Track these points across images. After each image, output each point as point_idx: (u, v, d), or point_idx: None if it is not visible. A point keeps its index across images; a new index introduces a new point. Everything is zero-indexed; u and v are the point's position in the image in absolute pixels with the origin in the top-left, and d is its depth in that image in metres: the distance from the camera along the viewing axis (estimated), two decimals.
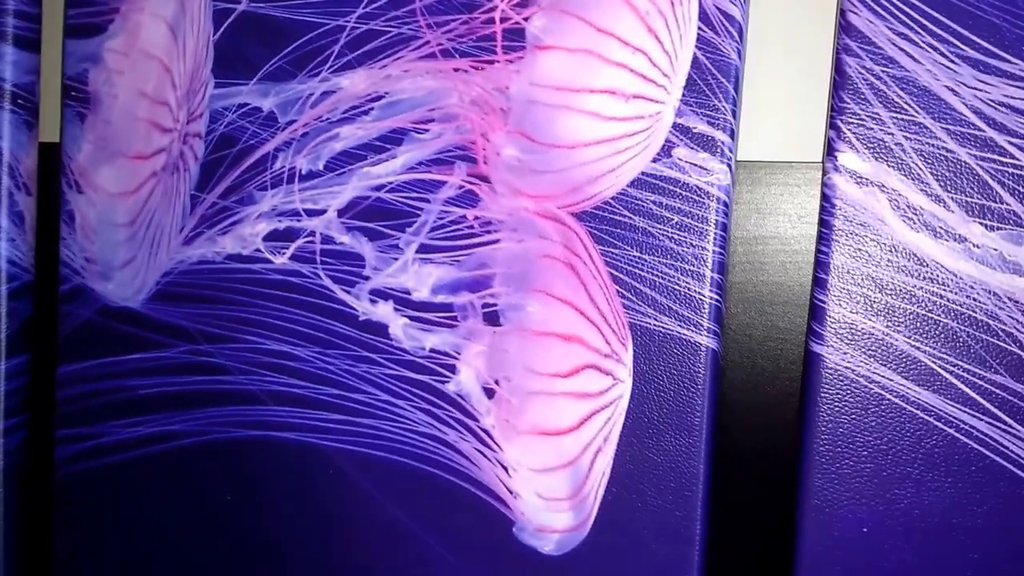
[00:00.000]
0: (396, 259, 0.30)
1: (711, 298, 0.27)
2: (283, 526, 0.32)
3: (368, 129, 0.30)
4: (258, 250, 0.32)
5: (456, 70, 0.29)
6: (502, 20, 0.28)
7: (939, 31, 0.24)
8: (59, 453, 0.35)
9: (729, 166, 0.26)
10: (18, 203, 0.37)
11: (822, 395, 0.25)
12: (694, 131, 0.26)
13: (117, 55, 0.34)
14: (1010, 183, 0.24)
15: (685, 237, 0.27)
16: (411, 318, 0.30)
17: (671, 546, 0.27)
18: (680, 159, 0.27)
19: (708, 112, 0.26)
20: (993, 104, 0.24)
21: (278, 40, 0.31)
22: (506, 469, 0.29)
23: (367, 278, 0.30)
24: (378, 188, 0.30)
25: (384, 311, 0.30)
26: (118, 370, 0.34)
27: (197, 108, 0.32)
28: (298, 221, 0.31)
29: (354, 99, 0.30)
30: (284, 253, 0.31)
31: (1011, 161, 0.24)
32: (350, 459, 0.31)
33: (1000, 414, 0.24)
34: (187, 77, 0.33)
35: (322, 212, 0.31)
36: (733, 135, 0.26)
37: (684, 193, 0.27)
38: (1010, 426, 0.24)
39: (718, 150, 0.26)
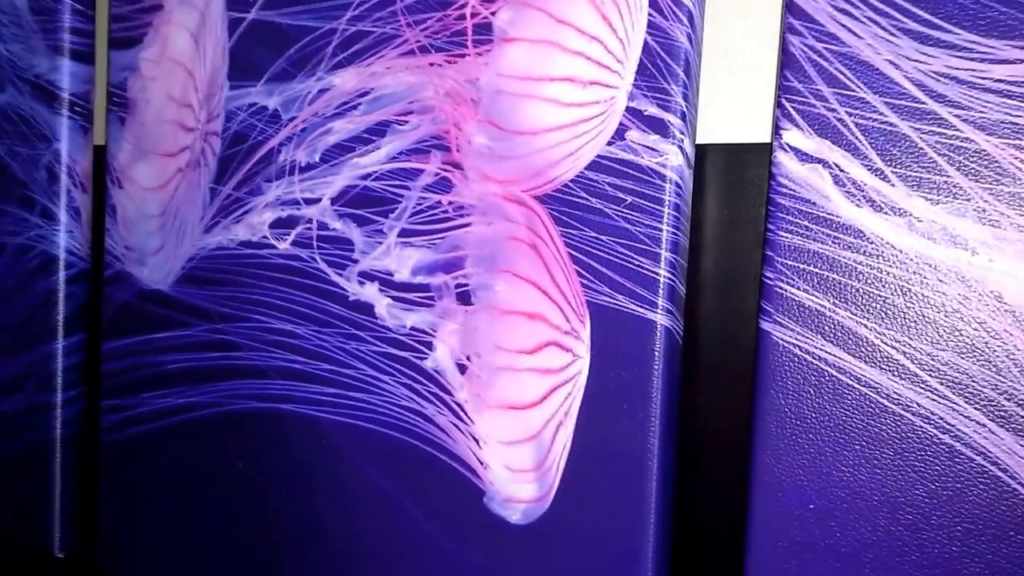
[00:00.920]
0: (381, 243, 0.32)
1: (666, 277, 0.27)
2: (283, 489, 0.34)
3: (357, 123, 0.32)
4: (265, 237, 0.35)
5: (432, 64, 0.31)
6: (472, 15, 0.30)
7: (879, 4, 0.24)
8: (103, 422, 0.39)
9: (681, 147, 0.27)
10: (75, 199, 0.42)
11: (770, 373, 0.26)
12: (645, 114, 0.27)
13: (150, 63, 0.37)
14: (952, 155, 0.23)
15: (640, 218, 0.28)
16: (394, 298, 0.32)
17: (627, 519, 0.28)
18: (633, 141, 0.27)
19: (659, 95, 0.27)
20: (935, 76, 0.23)
21: (281, 44, 0.34)
22: (477, 441, 0.30)
23: (356, 261, 0.33)
24: (365, 177, 0.32)
25: (371, 292, 0.32)
26: (150, 347, 0.38)
27: (215, 109, 0.36)
28: (298, 209, 0.34)
29: (345, 95, 0.33)
30: (286, 239, 0.34)
31: (954, 133, 0.23)
32: (341, 430, 0.33)
33: (944, 390, 0.24)
34: (207, 81, 0.36)
35: (318, 200, 0.33)
36: (684, 117, 0.27)
37: (638, 175, 0.27)
38: (954, 402, 0.23)
39: (669, 132, 0.27)
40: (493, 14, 0.30)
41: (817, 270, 0.25)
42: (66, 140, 0.41)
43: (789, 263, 0.25)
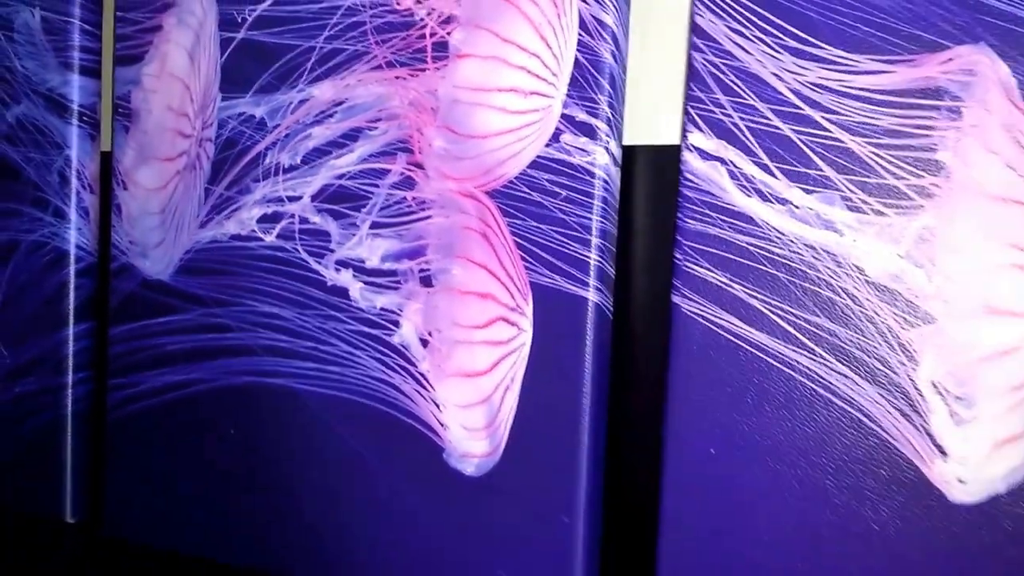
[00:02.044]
0: (354, 234, 0.37)
1: (596, 260, 0.32)
2: (271, 454, 0.39)
3: (333, 129, 0.37)
4: (253, 231, 0.39)
5: (397, 78, 0.35)
6: (431, 35, 0.35)
7: (765, 25, 0.29)
8: (110, 399, 0.44)
9: (607, 148, 0.32)
10: (84, 200, 0.46)
11: (680, 339, 0.30)
12: (576, 120, 0.32)
13: (151, 77, 0.42)
14: (824, 153, 0.28)
15: (573, 209, 0.32)
16: (365, 283, 0.36)
17: (565, 469, 0.32)
18: (567, 144, 0.32)
19: (587, 104, 0.32)
20: (810, 86, 0.28)
21: (267, 60, 0.39)
22: (438, 406, 0.35)
23: (333, 251, 0.37)
24: (340, 177, 0.37)
25: (345, 277, 0.37)
26: (152, 331, 0.42)
27: (209, 118, 0.40)
28: (282, 206, 0.38)
29: (323, 105, 0.37)
30: (272, 232, 0.39)
31: (824, 133, 0.28)
32: (320, 400, 0.37)
33: (819, 350, 0.28)
34: (201, 93, 0.40)
35: (299, 198, 0.38)
36: (610, 123, 0.32)
37: (571, 172, 0.32)
38: (826, 359, 0.28)
39: (596, 135, 0.32)
40: (448, 34, 0.34)
41: (717, 251, 0.30)
42: (76, 147, 0.46)
43: (695, 246, 0.30)
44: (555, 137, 0.32)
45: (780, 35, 0.28)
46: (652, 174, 0.33)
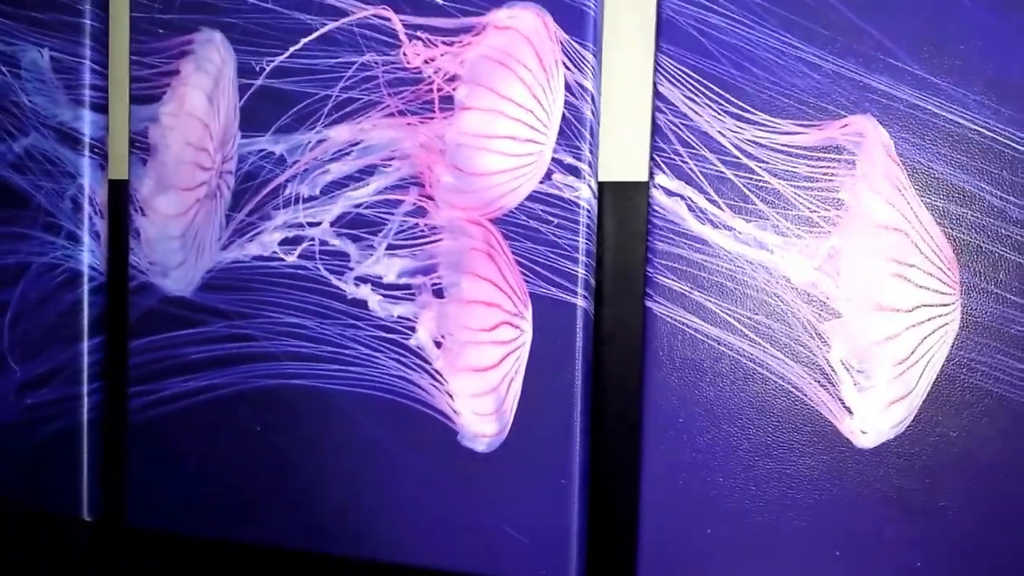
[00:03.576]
0: (372, 255, 0.44)
1: (582, 274, 0.41)
2: (297, 446, 0.45)
3: (350, 165, 0.44)
4: (275, 252, 0.46)
5: (409, 124, 0.43)
6: (438, 90, 0.42)
7: (712, 96, 0.38)
8: (132, 405, 0.49)
9: (589, 185, 0.40)
10: (96, 224, 0.51)
11: (652, 336, 0.39)
12: (564, 162, 0.41)
13: (169, 116, 0.48)
14: (758, 192, 0.38)
15: (563, 233, 0.41)
16: (383, 295, 0.44)
17: (560, 443, 0.41)
18: (557, 181, 0.41)
19: (573, 150, 0.40)
20: (747, 142, 0.38)
21: (285, 105, 0.45)
22: (451, 396, 0.43)
23: (352, 268, 0.44)
24: (358, 206, 0.44)
25: (364, 291, 0.44)
26: (175, 342, 0.48)
27: (229, 153, 0.46)
28: (303, 230, 0.45)
29: (339, 145, 0.44)
30: (293, 253, 0.45)
31: (758, 178, 0.38)
32: (343, 396, 0.45)
33: (760, 340, 0.38)
34: (220, 131, 0.47)
35: (319, 224, 0.45)
36: (590, 164, 0.40)
37: (561, 204, 0.41)
38: (765, 348, 0.38)
39: (581, 175, 0.40)
40: (454, 89, 0.42)
41: (679, 266, 0.39)
42: (88, 176, 0.51)
43: (662, 262, 0.39)
44: (548, 176, 0.41)
45: (723, 103, 0.38)
46: (621, 204, 0.42)
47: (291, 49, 0.45)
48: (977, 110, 0.35)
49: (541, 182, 0.41)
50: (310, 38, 0.44)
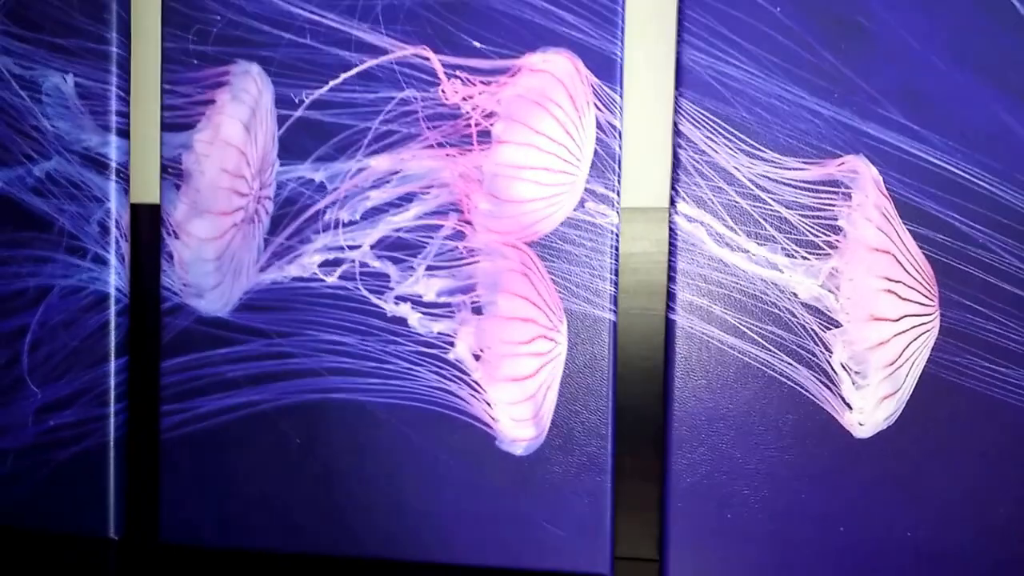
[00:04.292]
0: (412, 275, 0.48)
1: (611, 290, 0.46)
2: (338, 456, 0.49)
3: (390, 193, 0.48)
4: (314, 273, 0.49)
5: (447, 155, 0.47)
6: (475, 125, 0.47)
7: (727, 136, 0.44)
8: (164, 424, 0.51)
9: (617, 211, 0.46)
10: (122, 247, 0.53)
11: (674, 344, 0.45)
12: (596, 192, 0.46)
13: (204, 143, 0.50)
14: (769, 219, 0.44)
15: (593, 255, 0.46)
16: (423, 313, 0.48)
17: (593, 445, 0.46)
18: (589, 208, 0.46)
19: (603, 180, 0.46)
20: (759, 175, 0.44)
21: (324, 135, 0.49)
22: (489, 404, 0.47)
23: (392, 288, 0.48)
24: (398, 230, 0.48)
25: (404, 309, 0.48)
26: (211, 361, 0.50)
27: (267, 180, 0.49)
28: (343, 253, 0.49)
29: (380, 174, 0.48)
30: (333, 274, 0.49)
31: (768, 207, 0.44)
32: (385, 408, 0.48)
33: (770, 346, 0.44)
34: (258, 159, 0.50)
35: (359, 247, 0.48)
36: (618, 192, 0.46)
37: (592, 229, 0.46)
38: (776, 353, 0.44)
39: (611, 203, 0.46)
40: (491, 125, 0.47)
41: (699, 283, 0.45)
42: (115, 200, 0.52)
43: (683, 279, 0.45)
44: (580, 204, 0.46)
45: (738, 142, 0.44)
46: (643, 228, 0.48)
47: (331, 83, 0.48)
48: (949, 152, 0.42)
49: (575, 209, 0.46)
50: (349, 73, 0.48)
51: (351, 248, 0.48)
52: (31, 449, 0.53)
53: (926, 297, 0.43)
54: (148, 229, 0.54)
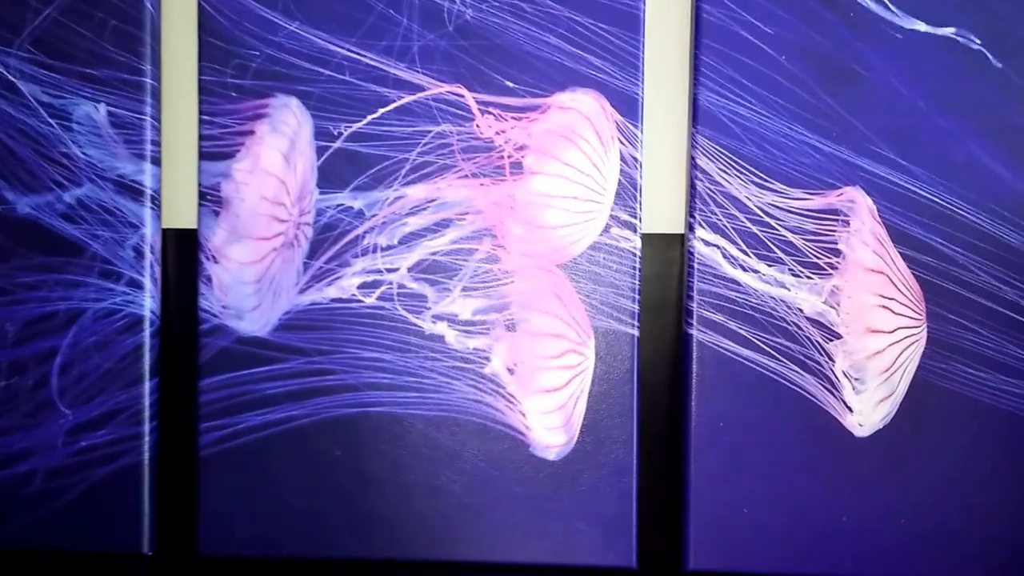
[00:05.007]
0: (448, 296, 0.51)
1: (633, 308, 0.51)
2: (379, 467, 0.52)
3: (427, 219, 0.52)
4: (353, 295, 0.52)
5: (482, 184, 0.51)
6: (508, 157, 0.51)
7: (739, 169, 0.49)
8: (202, 441, 0.53)
9: (640, 236, 0.50)
10: (155, 271, 0.55)
11: (692, 357, 0.50)
12: (619, 218, 0.50)
13: (244, 172, 0.53)
14: (777, 242, 0.49)
15: (619, 276, 0.51)
16: (460, 331, 0.51)
17: (619, 449, 0.50)
18: (614, 234, 0.50)
19: (627, 207, 0.50)
20: (767, 204, 0.49)
21: (363, 165, 0.52)
22: (523, 414, 0.51)
23: (429, 308, 0.52)
24: (434, 253, 0.52)
25: (441, 328, 0.52)
26: (250, 379, 0.53)
27: (307, 207, 0.52)
28: (381, 275, 0.52)
29: (417, 202, 0.52)
30: (372, 295, 0.52)
31: (777, 232, 0.49)
32: (423, 419, 0.52)
33: (779, 356, 0.49)
34: (297, 187, 0.52)
35: (397, 270, 0.52)
36: (640, 219, 0.51)
37: (616, 252, 0.50)
38: (785, 362, 0.49)
39: (634, 229, 0.50)
40: (523, 157, 0.51)
41: (714, 301, 0.50)
42: (150, 226, 0.54)
43: (699, 297, 0.50)
44: (606, 229, 0.50)
45: (749, 174, 0.49)
46: (662, 252, 0.53)
47: (369, 117, 0.52)
48: (932, 184, 0.49)
49: (600, 234, 0.50)
50: (387, 108, 0.52)
51: (389, 271, 0.52)
52: (62, 470, 0.54)
53: (915, 312, 0.49)
54: (178, 253, 0.56)
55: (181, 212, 0.56)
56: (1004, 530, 0.48)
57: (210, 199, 0.53)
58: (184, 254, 0.56)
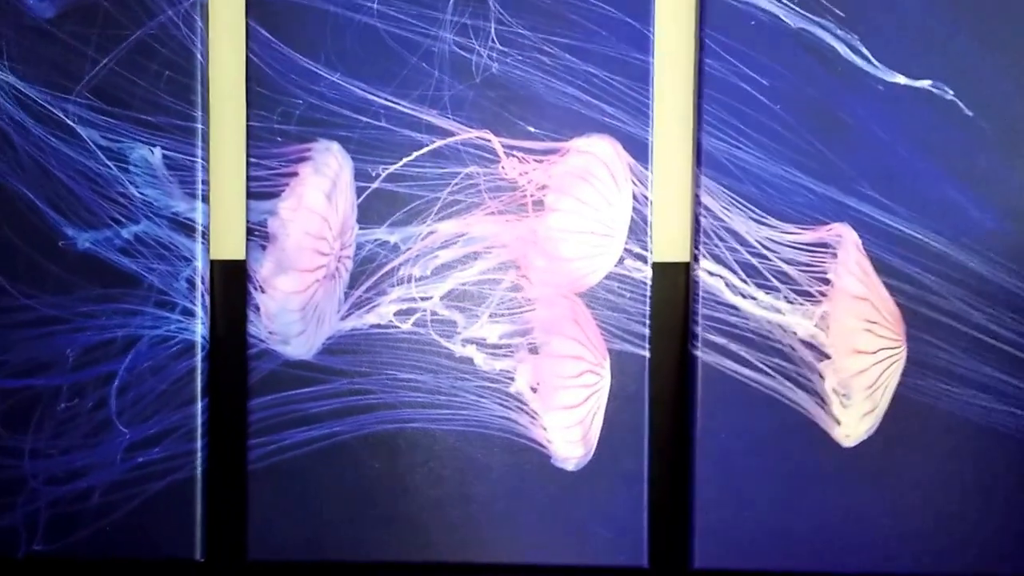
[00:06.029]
0: (476, 322, 0.57)
1: (645, 332, 0.57)
2: (413, 478, 0.57)
3: (456, 252, 0.57)
4: (391, 321, 0.58)
5: (507, 221, 0.57)
6: (530, 196, 0.57)
7: (738, 204, 0.56)
8: (251, 456, 0.59)
9: (650, 266, 0.56)
10: (206, 300, 0.60)
11: (697, 377, 0.56)
12: (632, 251, 0.56)
13: (288, 210, 0.58)
14: (771, 272, 0.55)
15: (632, 303, 0.56)
16: (487, 353, 0.57)
17: (631, 460, 0.56)
18: (627, 264, 0.56)
19: (638, 241, 0.56)
20: (763, 239, 0.56)
21: (398, 204, 0.57)
22: (545, 429, 0.57)
23: (459, 333, 0.57)
24: (464, 283, 0.57)
25: (470, 351, 0.57)
26: (296, 399, 0.58)
27: (347, 241, 0.58)
28: (415, 304, 0.58)
29: (447, 236, 0.57)
30: (407, 322, 0.58)
31: (773, 263, 0.55)
32: (454, 434, 0.57)
33: (776, 374, 0.55)
34: (339, 224, 0.58)
35: (430, 298, 0.58)
36: (650, 251, 0.57)
37: (630, 281, 0.56)
38: (781, 380, 0.55)
39: (644, 259, 0.56)
40: (544, 196, 0.57)
41: (717, 325, 0.56)
42: (201, 259, 0.60)
43: (704, 322, 0.56)
44: (620, 261, 0.56)
45: (748, 211, 0.56)
46: (669, 280, 0.59)
47: (404, 160, 0.57)
48: (911, 220, 0.55)
49: (615, 265, 0.56)
50: (421, 152, 0.57)
51: (423, 299, 0.57)
52: (120, 485, 0.60)
53: (895, 334, 0.55)
54: (225, 283, 0.61)
55: (228, 246, 0.62)
56: (974, 529, 0.55)
57: (257, 234, 0.59)
58: (231, 284, 0.61)
